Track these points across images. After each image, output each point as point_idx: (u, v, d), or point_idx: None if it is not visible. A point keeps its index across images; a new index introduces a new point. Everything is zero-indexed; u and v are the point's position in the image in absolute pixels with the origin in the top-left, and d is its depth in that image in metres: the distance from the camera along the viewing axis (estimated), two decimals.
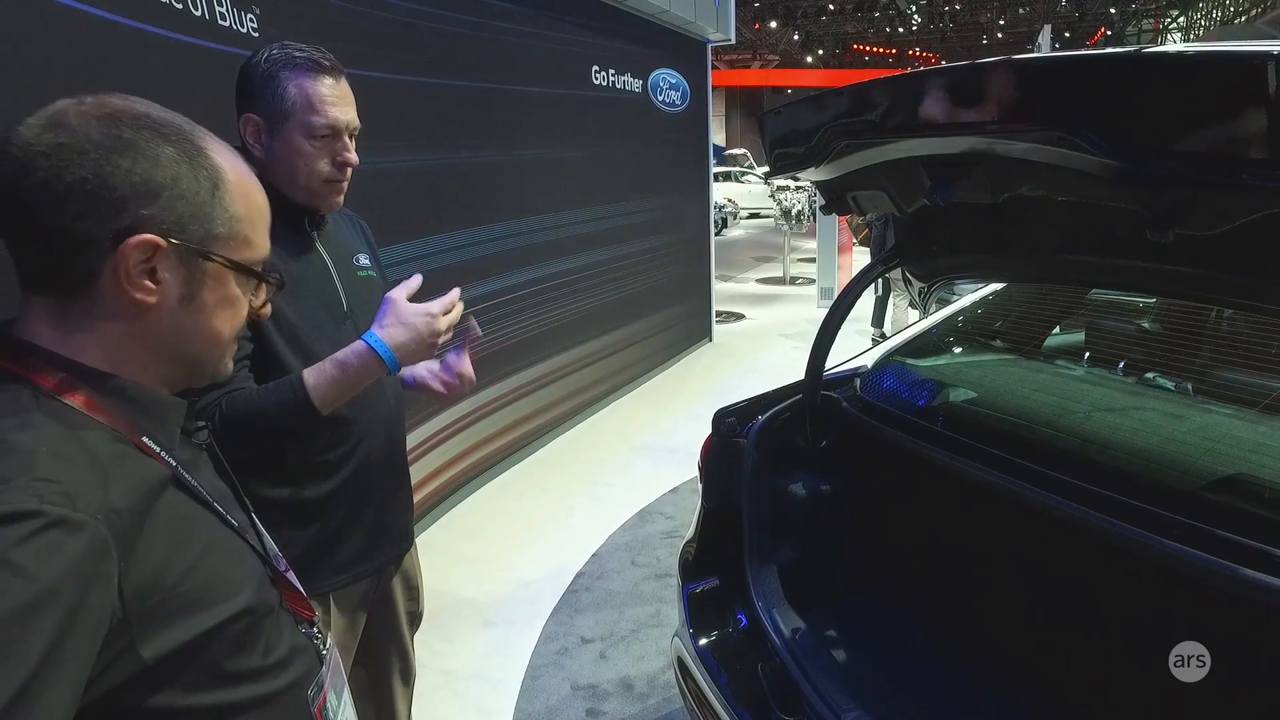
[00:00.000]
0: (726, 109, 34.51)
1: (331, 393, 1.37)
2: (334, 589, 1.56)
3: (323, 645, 0.99)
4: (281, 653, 0.88)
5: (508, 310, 4.52)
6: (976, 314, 2.56)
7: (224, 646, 0.80)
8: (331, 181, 1.47)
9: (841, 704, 1.65)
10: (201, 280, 0.81)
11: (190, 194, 0.79)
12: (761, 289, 11.08)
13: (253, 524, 0.95)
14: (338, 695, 1.01)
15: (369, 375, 1.40)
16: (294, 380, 1.37)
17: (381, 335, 1.38)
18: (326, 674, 0.98)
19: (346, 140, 1.47)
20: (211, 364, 0.88)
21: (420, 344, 1.41)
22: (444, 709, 2.69)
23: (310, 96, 1.41)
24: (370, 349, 1.37)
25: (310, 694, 0.93)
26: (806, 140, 1.58)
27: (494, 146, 4.30)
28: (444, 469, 4.07)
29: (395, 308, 1.40)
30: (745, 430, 2.00)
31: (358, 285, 1.61)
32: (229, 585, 0.82)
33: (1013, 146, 1.20)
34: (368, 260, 1.68)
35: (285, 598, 0.94)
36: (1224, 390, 1.85)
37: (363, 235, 1.73)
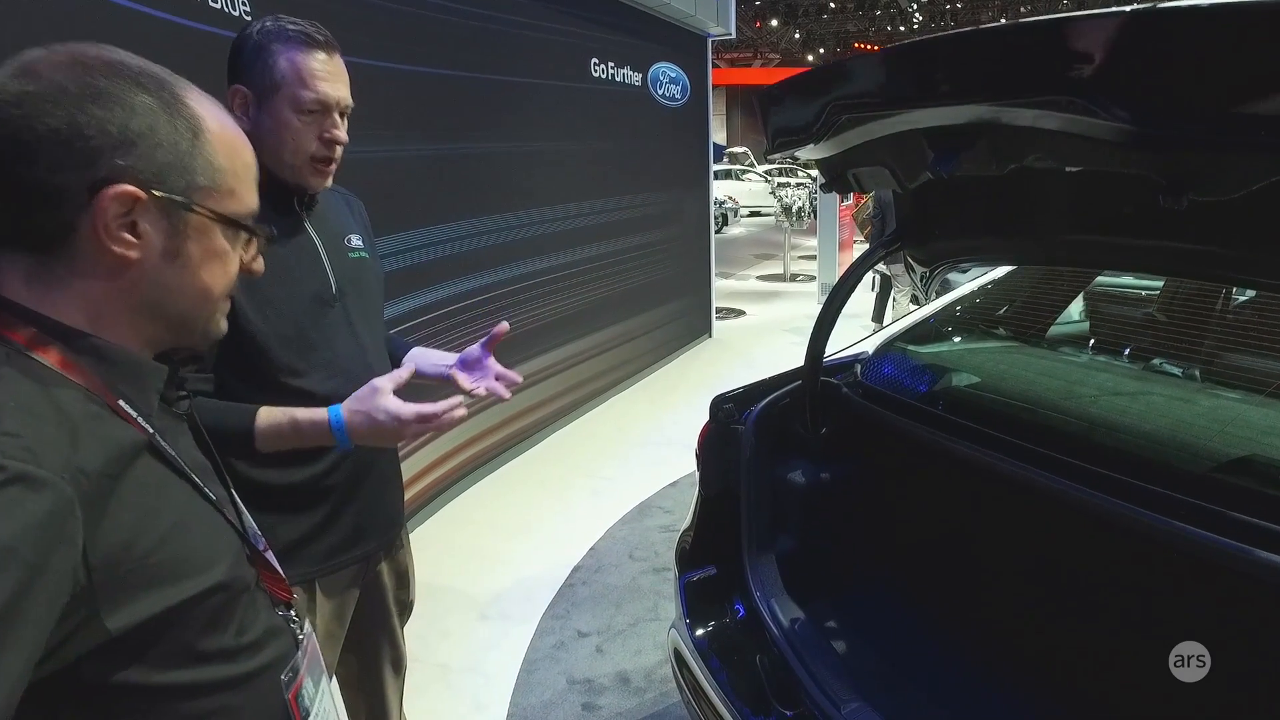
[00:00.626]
0: (727, 108, 34.47)
1: (277, 444, 1.34)
2: (320, 575, 1.52)
3: (300, 629, 0.95)
4: (256, 634, 0.85)
5: (506, 303, 4.48)
6: (976, 302, 2.52)
7: (195, 623, 0.77)
8: (319, 160, 1.42)
9: (842, 696, 1.61)
10: (185, 233, 0.78)
11: (169, 143, 0.75)
12: (762, 286, 11.04)
13: (232, 499, 0.91)
14: (315, 682, 0.96)
15: (318, 443, 1.35)
16: (246, 416, 1.32)
17: (346, 416, 1.32)
18: (303, 659, 0.94)
19: (336, 118, 1.42)
20: (202, 322, 0.84)
21: (378, 438, 1.34)
22: (438, 702, 2.65)
23: (300, 70, 1.37)
24: (327, 424, 1.32)
25: (285, 678, 0.89)
26: (806, 116, 1.54)
27: (491, 138, 4.26)
28: (442, 462, 4.03)
29: (374, 397, 1.32)
30: (743, 417, 1.96)
31: (348, 267, 1.56)
32: (203, 559, 0.78)
33: (1020, 114, 1.15)
34: (360, 241, 1.62)
35: (262, 578, 0.90)
36: (1233, 375, 1.81)
37: (357, 214, 1.69)
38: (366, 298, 1.60)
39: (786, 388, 2.01)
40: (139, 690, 0.72)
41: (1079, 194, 1.57)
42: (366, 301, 1.59)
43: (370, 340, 1.56)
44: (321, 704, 0.97)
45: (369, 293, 1.61)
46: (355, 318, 1.54)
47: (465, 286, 4.09)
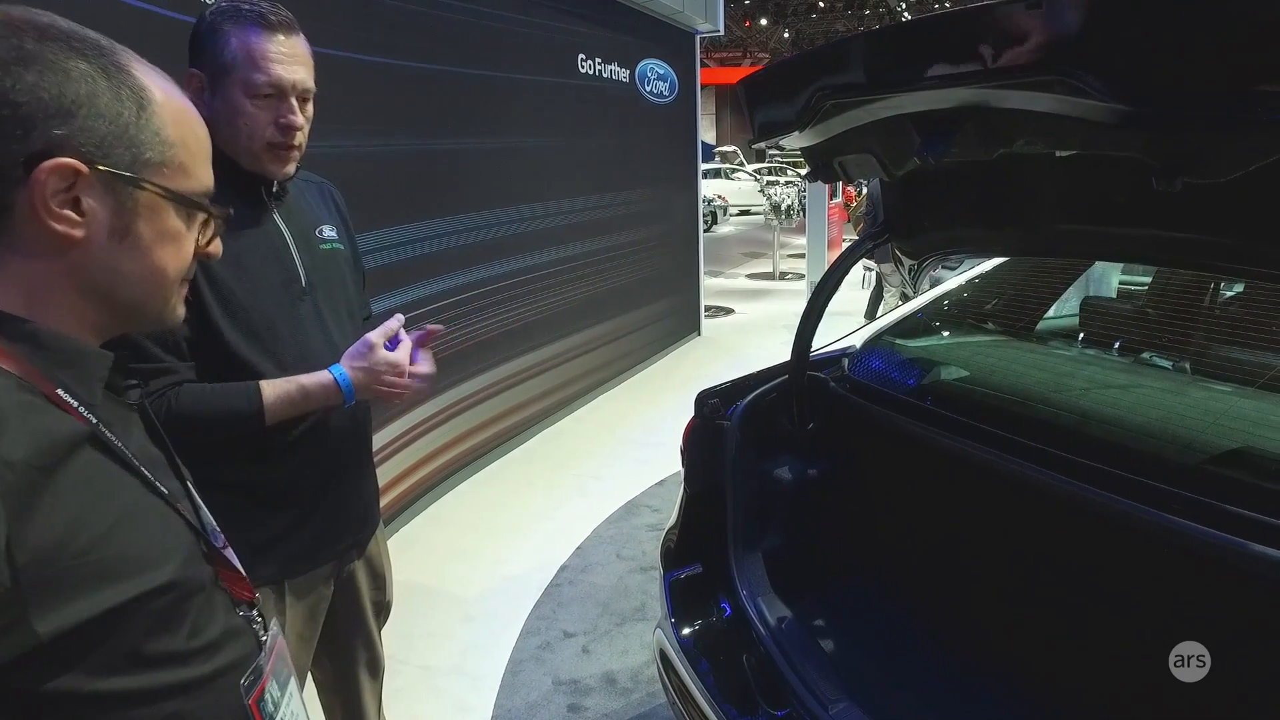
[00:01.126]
0: (717, 107, 34.46)
1: (285, 411, 1.37)
2: (291, 576, 1.47)
3: (263, 630, 0.91)
4: (211, 635, 0.80)
5: (493, 300, 4.43)
6: (964, 296, 2.49)
7: (141, 625, 0.72)
8: (275, 146, 1.37)
9: (829, 695, 1.58)
10: (135, 211, 0.73)
11: (111, 114, 0.71)
12: (751, 284, 11.02)
13: (188, 493, 0.87)
14: (280, 686, 0.92)
15: (326, 404, 1.41)
16: (250, 390, 1.33)
17: (349, 373, 1.41)
18: (266, 662, 0.89)
19: (293, 103, 1.37)
20: (156, 308, 0.80)
21: (376, 390, 1.44)
22: (421, 705, 2.60)
23: (253, 52, 1.32)
24: (335, 384, 1.39)
25: (245, 683, 0.84)
26: (791, 103, 1.50)
27: (478, 133, 4.22)
28: (427, 461, 3.98)
29: (371, 353, 1.42)
30: (729, 412, 1.92)
31: (319, 259, 1.51)
32: (150, 556, 0.73)
33: (1009, 96, 1.12)
34: (333, 232, 1.57)
35: (221, 576, 0.86)
36: (1223, 368, 1.79)
37: (332, 205, 1.63)
38: (339, 290, 1.55)
39: (773, 382, 1.98)
40: (77, 699, 0.68)
41: (1069, 182, 1.54)
42: (339, 294, 1.55)
43: (341, 334, 1.51)
44: (288, 708, 0.93)
45: (342, 285, 1.57)
46: (327, 311, 1.50)
47: (451, 284, 4.04)
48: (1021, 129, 1.18)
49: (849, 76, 1.38)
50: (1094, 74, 0.98)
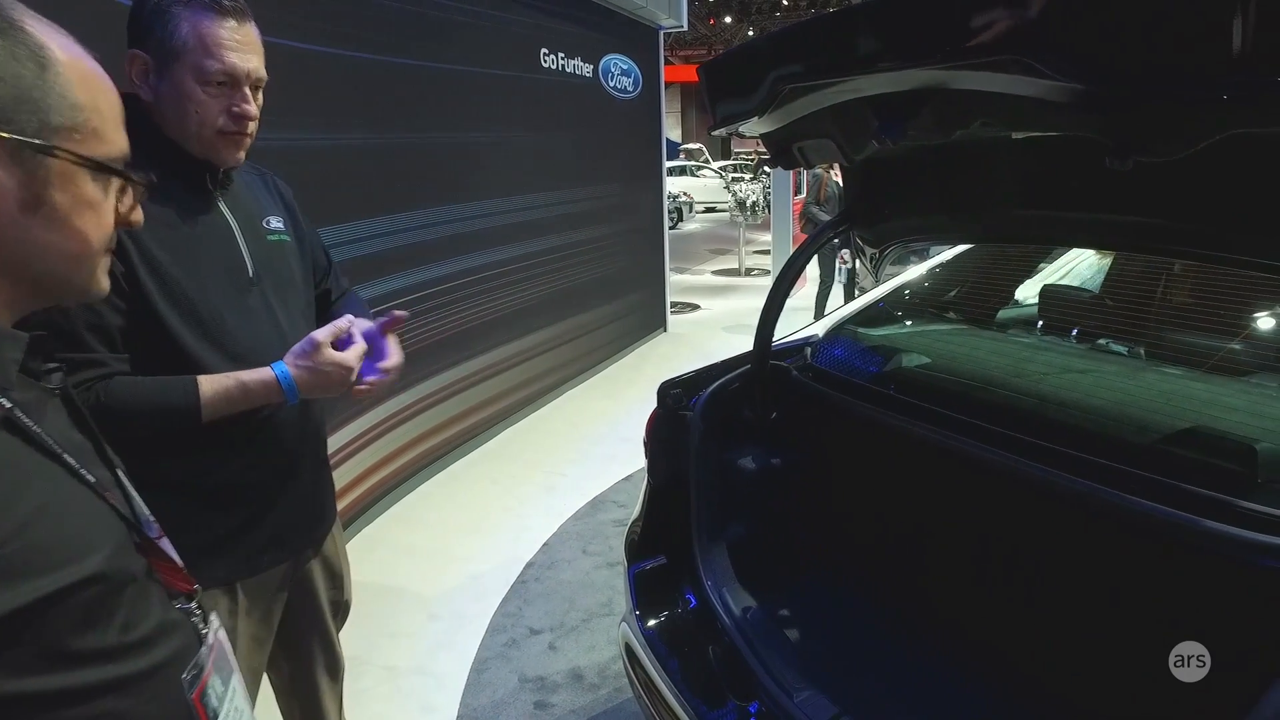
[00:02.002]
0: (682, 105, 34.51)
1: (223, 408, 1.31)
2: (243, 577, 1.42)
3: (203, 623, 0.87)
4: (146, 629, 0.76)
5: (455, 297, 4.38)
6: (925, 285, 2.51)
7: (66, 620, 0.68)
8: (227, 133, 1.33)
9: (794, 684, 1.57)
10: (46, 180, 0.70)
11: (10, 76, 0.67)
12: (717, 280, 11.05)
13: (118, 482, 0.83)
14: (224, 680, 0.89)
15: (267, 401, 1.35)
16: (187, 385, 1.27)
17: (292, 371, 1.34)
18: (208, 655, 0.85)
19: (246, 91, 1.33)
20: (80, 280, 0.76)
21: (327, 389, 1.38)
22: (385, 706, 2.56)
23: (205, 38, 1.27)
24: (276, 381, 1.33)
25: (187, 677, 0.81)
26: (749, 89, 1.49)
27: (440, 127, 4.16)
28: (390, 460, 3.92)
29: (316, 352, 1.35)
30: (692, 403, 1.91)
31: (266, 250, 1.47)
32: (75, 546, 0.69)
33: (965, 77, 1.12)
34: (280, 224, 1.53)
35: (156, 568, 0.82)
36: (1175, 352, 1.82)
37: (278, 197, 1.59)
38: (288, 283, 1.51)
39: (735, 372, 1.97)
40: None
41: (1026, 169, 1.55)
42: (288, 287, 1.50)
43: (290, 327, 1.47)
44: (232, 704, 0.89)
45: (290, 278, 1.52)
46: (275, 303, 1.45)
47: (411, 280, 3.98)
48: (978, 110, 1.18)
49: (807, 60, 1.37)
50: (1047, 54, 0.98)
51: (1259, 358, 1.72)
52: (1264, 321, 1.86)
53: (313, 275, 1.62)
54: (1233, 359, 1.69)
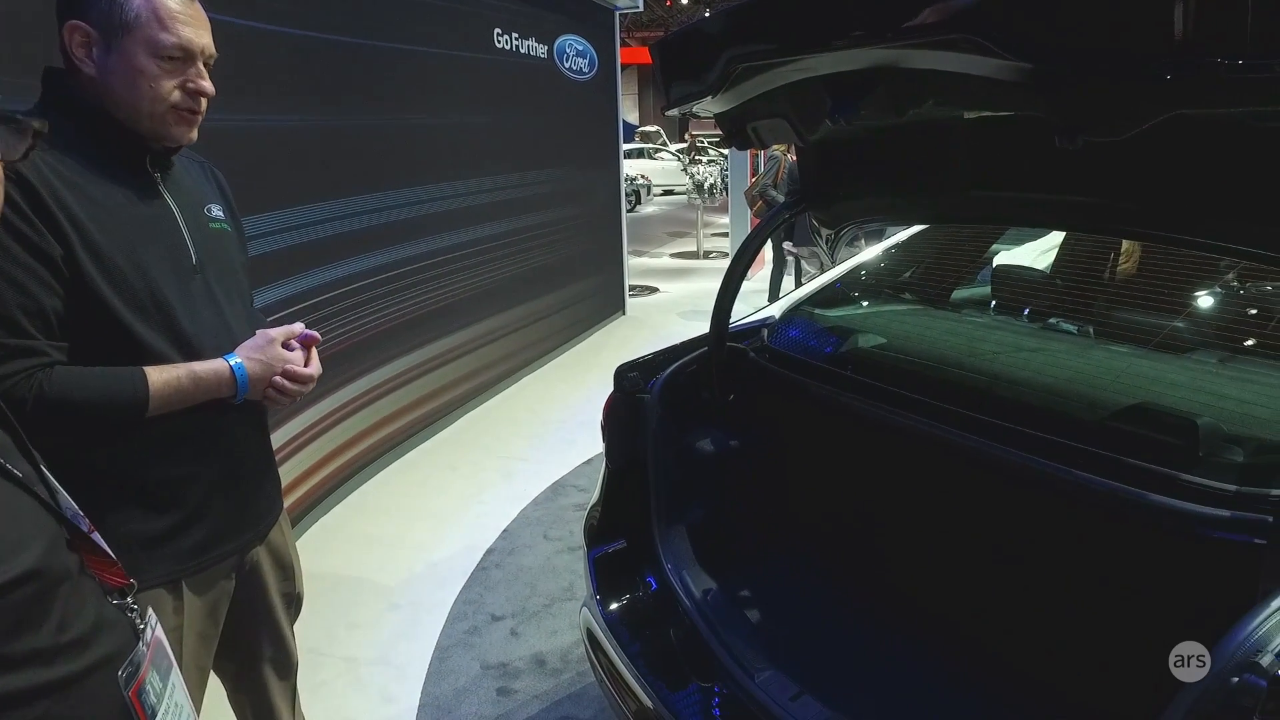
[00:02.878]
0: (639, 86, 34.32)
1: (172, 400, 1.28)
2: (188, 574, 1.38)
3: (139, 619, 0.84)
4: (81, 628, 0.74)
5: (409, 283, 4.30)
6: (880, 266, 2.53)
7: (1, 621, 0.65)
8: (182, 110, 1.30)
9: (755, 664, 1.58)
10: None
11: None
12: (675, 263, 11.05)
13: (42, 477, 0.79)
14: (162, 676, 0.86)
15: (217, 394, 1.34)
16: (135, 375, 1.24)
17: (246, 364, 1.36)
18: (145, 651, 0.83)
19: (200, 67, 1.30)
20: None
21: (267, 389, 1.41)
22: (344, 699, 2.52)
23: (159, 11, 1.24)
24: (230, 373, 1.34)
25: (124, 675, 0.78)
26: (702, 67, 1.47)
27: (388, 109, 4.06)
28: (346, 448, 3.86)
29: (270, 347, 1.39)
30: (649, 385, 1.90)
31: (209, 237, 1.43)
32: (5, 544, 0.67)
33: (917, 56, 1.12)
34: (221, 212, 1.50)
35: (89, 563, 0.79)
36: (1122, 330, 1.86)
37: (216, 185, 1.56)
38: (230, 272, 1.48)
39: (692, 354, 1.96)
40: None
41: (979, 149, 1.56)
42: (229, 276, 1.47)
43: (234, 317, 1.44)
44: (172, 699, 0.87)
45: (232, 267, 1.50)
46: (219, 292, 1.42)
47: (362, 266, 3.90)
48: (930, 90, 1.18)
49: (760, 38, 1.36)
50: (995, 32, 0.98)
51: (1200, 335, 1.77)
52: (1204, 300, 1.91)
53: None
54: (1176, 337, 1.73)
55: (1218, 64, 0.81)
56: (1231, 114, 0.95)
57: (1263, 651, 0.87)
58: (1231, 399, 1.43)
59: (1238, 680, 0.86)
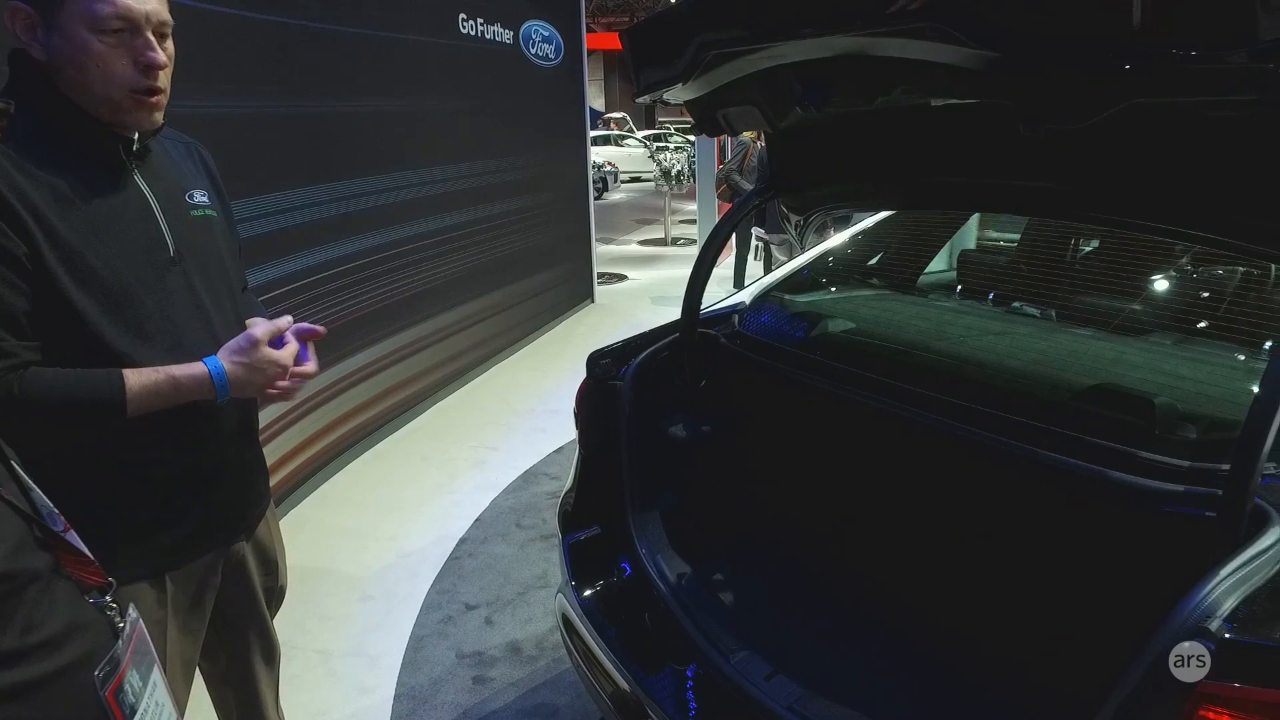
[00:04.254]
0: (605, 72, 34.13)
1: (151, 403, 1.23)
2: (171, 568, 1.37)
3: (119, 616, 0.84)
4: (53, 629, 0.73)
5: (376, 272, 4.26)
6: (847, 253, 2.56)
7: None
8: (138, 92, 1.21)
9: (730, 646, 1.60)
10: None
11: None
12: (643, 250, 11.05)
13: (14, 476, 0.78)
14: (143, 676, 0.86)
15: (198, 397, 1.28)
16: (113, 380, 1.19)
17: (226, 367, 1.29)
18: (124, 651, 0.82)
19: (150, 37, 1.21)
20: None
21: (259, 389, 1.35)
22: (318, 691, 2.52)
23: None
24: (209, 377, 1.27)
25: (100, 675, 0.78)
26: (672, 54, 1.48)
27: (353, 95, 4.01)
28: (316, 439, 3.82)
29: (253, 349, 1.30)
30: (622, 372, 1.91)
31: (190, 226, 1.37)
32: None
33: (885, 44, 1.13)
34: (205, 197, 1.44)
35: (64, 563, 0.78)
36: (1083, 314, 1.90)
37: (203, 168, 1.49)
38: (213, 260, 1.42)
39: (664, 341, 1.98)
40: None
41: (946, 137, 1.59)
42: (214, 265, 1.42)
43: (217, 308, 1.39)
44: (152, 698, 0.87)
45: (216, 255, 1.43)
46: (199, 283, 1.37)
47: (329, 255, 3.85)
48: (898, 77, 1.20)
49: (731, 26, 1.37)
50: (961, 21, 1.00)
51: (1157, 318, 1.82)
52: (1161, 284, 1.96)
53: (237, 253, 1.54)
54: (1135, 319, 1.78)
55: (1173, 54, 0.83)
56: (1186, 103, 0.98)
57: (1211, 617, 0.91)
58: (1187, 379, 1.48)
59: (1189, 644, 0.90)
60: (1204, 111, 1.05)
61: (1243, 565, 0.97)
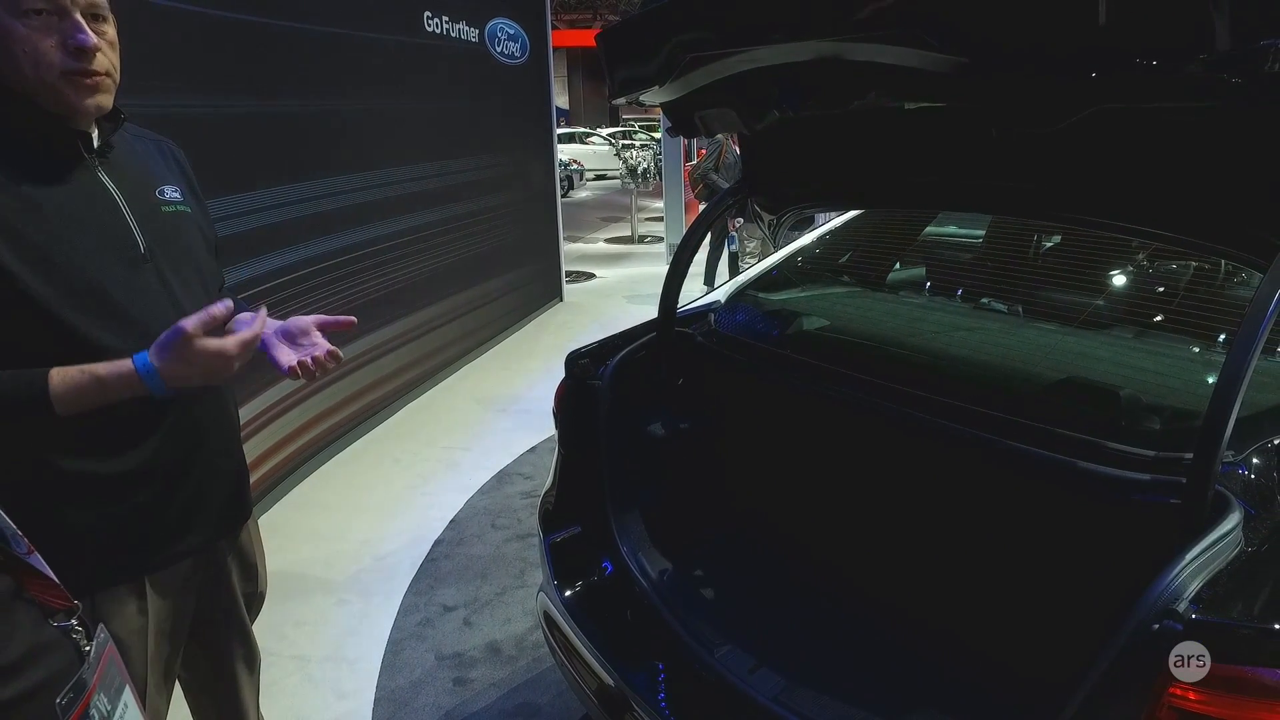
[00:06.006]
0: (569, 71, 34.02)
1: (80, 403, 1.17)
2: (149, 572, 1.36)
3: (85, 639, 0.83)
4: (12, 656, 0.72)
5: (342, 274, 4.22)
6: (816, 252, 2.60)
7: None
8: (71, 74, 1.17)
9: (712, 640, 1.63)
10: None
11: None
12: (611, 248, 11.06)
13: None
14: (111, 699, 0.84)
15: (130, 394, 1.20)
16: (36, 379, 1.15)
17: (155, 363, 1.19)
18: (90, 674, 0.81)
19: (78, 19, 1.16)
20: None
21: (207, 378, 1.23)
22: (296, 697, 2.50)
23: None
24: (135, 374, 1.19)
25: (63, 701, 0.76)
26: (649, 57, 1.50)
27: (317, 95, 3.97)
28: (286, 443, 3.78)
29: (185, 345, 1.18)
30: (600, 372, 1.92)
31: (160, 222, 1.35)
32: None
33: (860, 49, 1.16)
34: (177, 193, 1.41)
35: (27, 587, 0.77)
36: (1049, 309, 1.96)
37: (175, 164, 1.47)
38: (186, 257, 1.40)
39: (641, 340, 2.00)
40: None
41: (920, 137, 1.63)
42: (187, 262, 1.39)
43: (193, 305, 1.34)
44: (123, 717, 0.86)
45: (190, 251, 1.41)
46: (173, 280, 1.35)
47: (295, 257, 3.81)
48: (873, 82, 1.23)
49: (708, 29, 1.39)
50: (932, 28, 1.03)
51: (1119, 312, 1.88)
52: (1121, 279, 2.03)
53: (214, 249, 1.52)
54: (1099, 314, 1.84)
55: (1135, 64, 0.87)
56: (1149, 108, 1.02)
57: (1179, 599, 0.95)
58: (1149, 371, 1.54)
59: (1158, 626, 0.94)
60: (1167, 116, 1.09)
61: (1206, 549, 1.02)
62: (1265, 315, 1.06)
